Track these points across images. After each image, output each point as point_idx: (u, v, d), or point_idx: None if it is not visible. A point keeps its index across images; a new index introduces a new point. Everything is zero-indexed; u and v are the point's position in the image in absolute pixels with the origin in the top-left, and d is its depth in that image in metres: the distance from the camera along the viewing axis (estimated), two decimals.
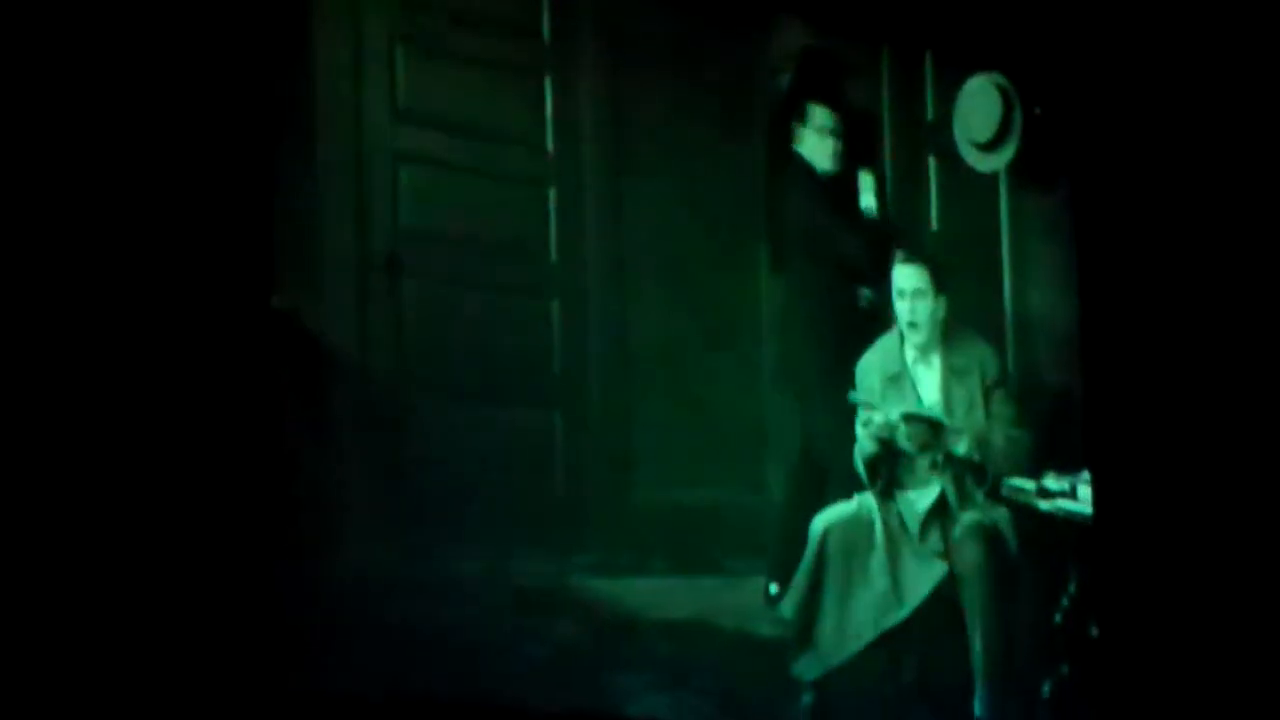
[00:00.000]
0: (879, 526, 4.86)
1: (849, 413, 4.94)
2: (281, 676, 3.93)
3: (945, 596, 4.90)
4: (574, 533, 4.51)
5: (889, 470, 4.93)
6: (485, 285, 4.52)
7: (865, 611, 4.83)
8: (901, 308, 5.00)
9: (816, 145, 5.09)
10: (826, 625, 4.81)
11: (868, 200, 5.15)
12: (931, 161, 5.37)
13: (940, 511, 4.92)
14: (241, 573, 3.92)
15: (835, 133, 5.11)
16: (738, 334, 4.93)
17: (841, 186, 5.12)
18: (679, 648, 4.56)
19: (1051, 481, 5.17)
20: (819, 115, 5.10)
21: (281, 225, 4.15)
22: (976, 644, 4.92)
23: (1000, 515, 5.01)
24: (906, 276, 5.02)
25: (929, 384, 5.01)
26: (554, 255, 4.67)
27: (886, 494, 4.92)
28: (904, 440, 4.92)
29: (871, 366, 5.00)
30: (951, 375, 5.02)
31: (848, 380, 4.96)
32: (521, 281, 4.61)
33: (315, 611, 4.03)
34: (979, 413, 5.02)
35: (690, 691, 4.56)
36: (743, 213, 4.99)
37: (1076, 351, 5.37)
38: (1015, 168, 5.39)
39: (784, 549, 4.85)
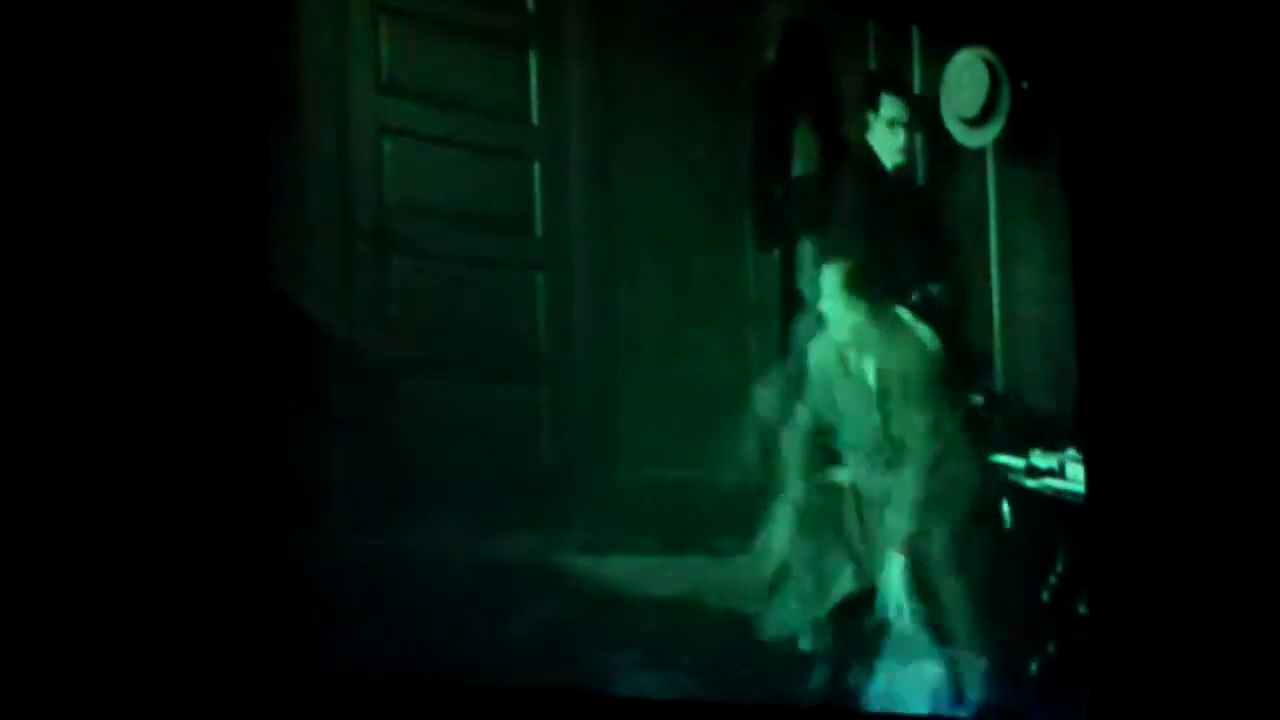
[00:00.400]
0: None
1: None
2: (262, 655, 3.89)
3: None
4: (560, 510, 4.48)
5: None
6: (471, 259, 4.47)
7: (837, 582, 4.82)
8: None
9: (886, 138, 5.07)
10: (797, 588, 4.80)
11: None
12: (918, 136, 5.33)
13: None
14: (221, 550, 3.88)
15: (907, 125, 5.12)
16: (726, 309, 4.89)
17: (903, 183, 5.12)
18: (666, 626, 4.53)
19: (1039, 459, 5.17)
20: (890, 106, 5.09)
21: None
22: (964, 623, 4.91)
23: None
24: None
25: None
26: (540, 229, 4.63)
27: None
28: None
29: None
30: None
31: None
32: (507, 256, 4.57)
33: (296, 589, 3.98)
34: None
35: (678, 670, 4.54)
36: (733, 187, 4.94)
37: (1065, 326, 5.36)
38: (1003, 143, 5.37)
39: None
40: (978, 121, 5.35)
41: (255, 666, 3.88)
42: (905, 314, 5.06)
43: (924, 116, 5.29)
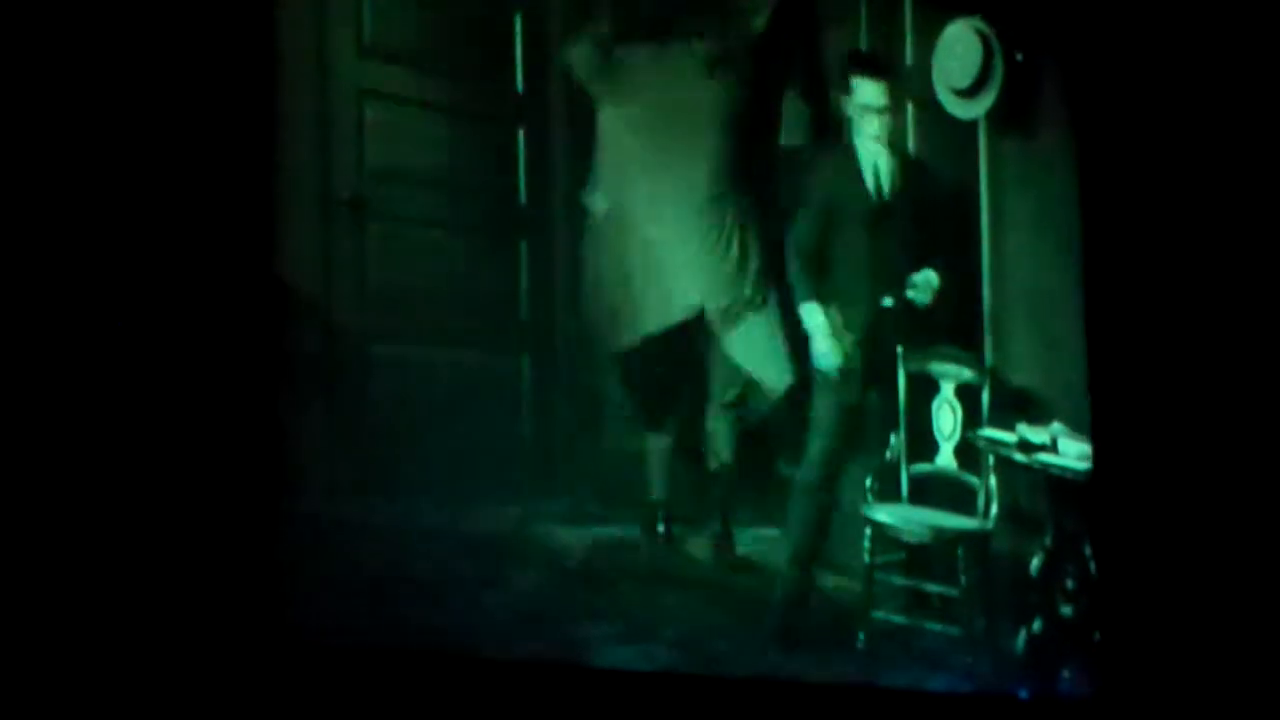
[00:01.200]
0: None
1: None
2: (237, 624, 3.85)
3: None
4: (541, 479, 4.44)
5: None
6: (452, 226, 4.43)
7: None
8: None
9: (861, 124, 4.98)
10: None
11: None
12: (910, 108, 5.28)
13: None
14: (200, 517, 3.85)
15: (883, 111, 5.01)
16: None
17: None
18: (645, 598, 4.49)
19: (1031, 434, 5.12)
20: (866, 90, 5.00)
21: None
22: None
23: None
24: None
25: None
26: (523, 197, 4.58)
27: None
28: None
29: None
30: None
31: None
32: (489, 223, 4.52)
33: (276, 556, 3.95)
34: None
35: (658, 643, 4.50)
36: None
37: (1053, 297, 5.32)
38: (995, 115, 5.32)
39: None
40: (970, 93, 5.29)
41: (230, 635, 3.85)
42: None
43: (909, 93, 5.24)
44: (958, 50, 5.29)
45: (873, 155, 5.00)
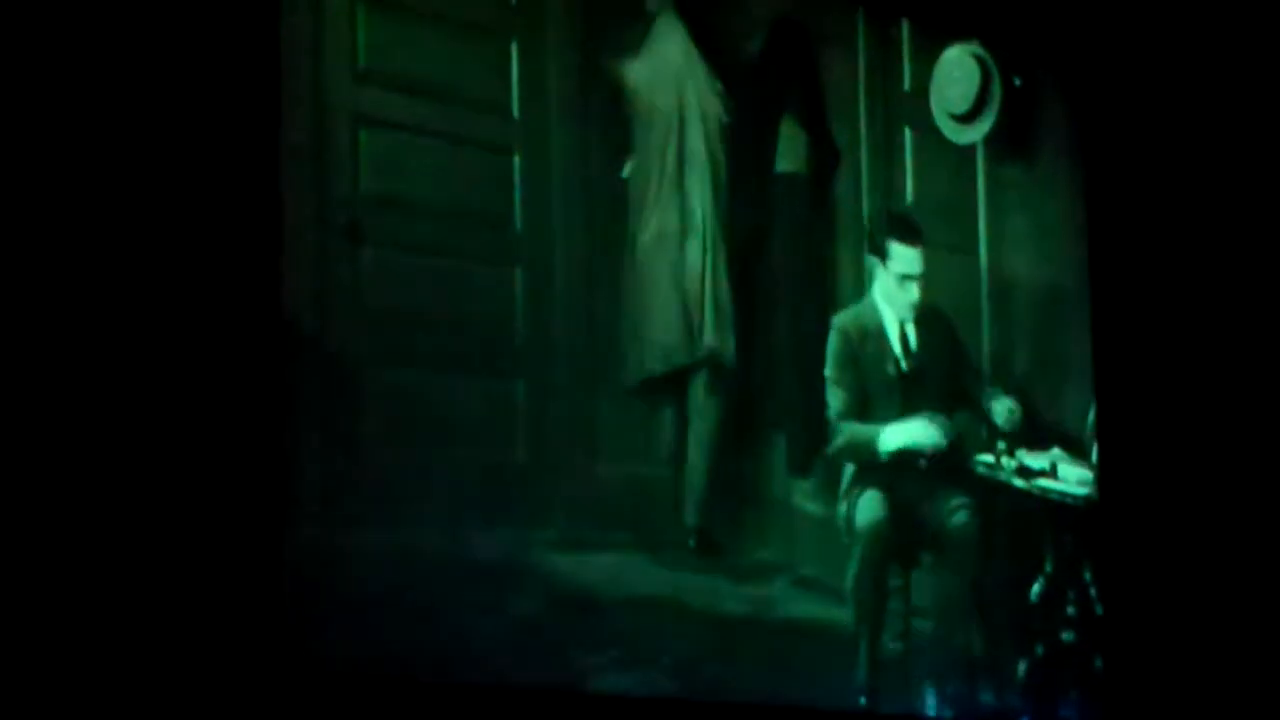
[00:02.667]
0: None
1: None
2: (234, 653, 3.83)
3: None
4: (536, 506, 4.41)
5: None
6: (448, 252, 4.41)
7: None
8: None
9: (895, 293, 4.96)
10: None
11: None
12: (908, 133, 5.29)
13: None
14: (195, 546, 3.83)
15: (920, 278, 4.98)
16: None
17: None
18: (644, 624, 4.47)
19: (1030, 459, 5.11)
20: (902, 259, 4.98)
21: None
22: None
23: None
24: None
25: None
26: (519, 223, 4.57)
27: None
28: None
29: None
30: None
31: None
32: (485, 249, 4.51)
33: (270, 585, 3.93)
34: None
35: (656, 669, 4.48)
36: None
37: (1053, 323, 5.33)
38: (993, 140, 5.33)
39: None
40: (967, 118, 5.30)
41: (227, 664, 3.83)
42: None
43: (912, 112, 5.24)
44: (955, 75, 5.31)
45: (900, 318, 4.95)
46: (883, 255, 4.97)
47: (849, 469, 4.90)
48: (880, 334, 4.94)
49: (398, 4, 4.41)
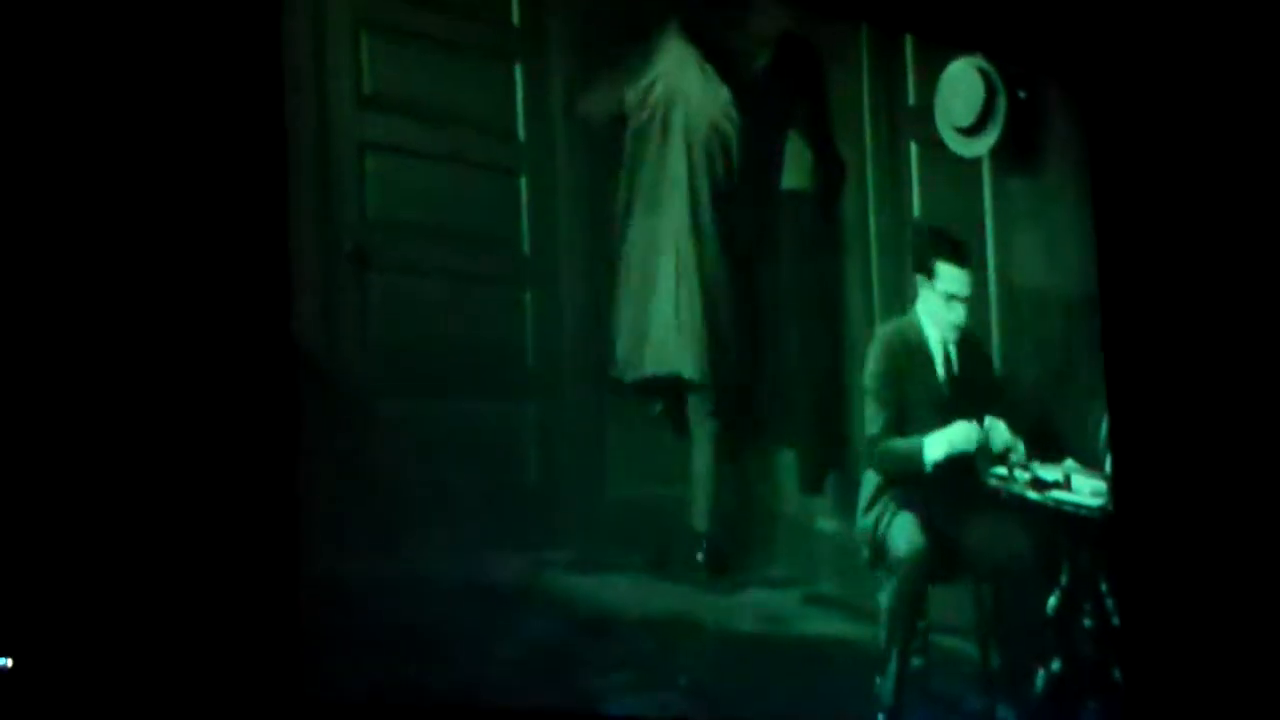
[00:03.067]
0: None
1: None
2: (249, 680, 3.82)
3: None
4: (548, 528, 4.40)
5: None
6: (455, 276, 4.41)
7: None
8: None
9: (940, 311, 4.98)
10: None
11: None
12: (913, 147, 5.28)
13: None
14: (207, 574, 3.82)
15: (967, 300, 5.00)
16: None
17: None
18: (657, 646, 4.46)
19: (1044, 472, 5.10)
20: (949, 278, 5.00)
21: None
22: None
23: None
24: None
25: None
26: (526, 245, 4.56)
27: None
28: None
29: None
30: None
31: None
32: (493, 272, 4.51)
33: (282, 614, 3.92)
34: None
35: (672, 691, 4.46)
36: None
37: (1063, 335, 5.32)
38: (999, 152, 5.32)
39: None
40: (973, 131, 5.30)
41: (241, 696, 3.82)
42: None
43: (918, 126, 5.24)
44: (960, 89, 5.31)
45: (945, 338, 4.94)
46: (929, 273, 4.98)
47: (868, 485, 4.88)
48: (925, 352, 4.95)
49: (400, 29, 4.41)
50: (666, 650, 4.49)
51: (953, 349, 4.98)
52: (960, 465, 4.92)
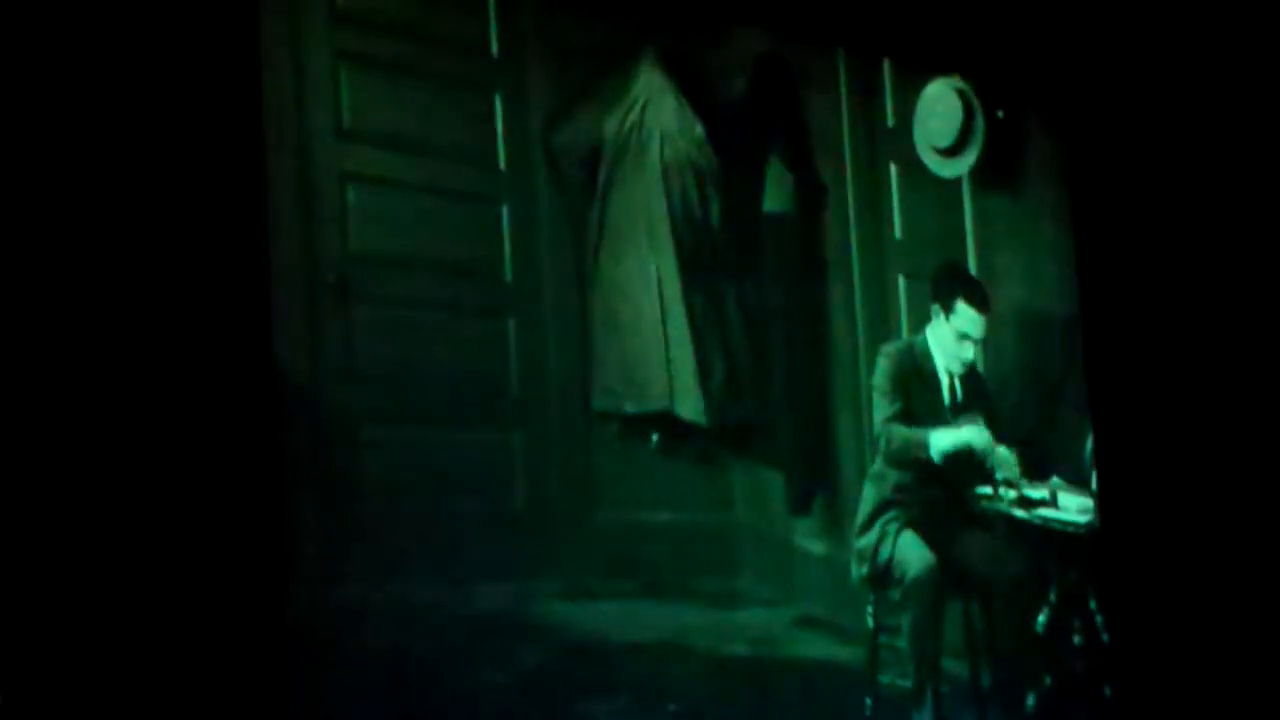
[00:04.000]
0: None
1: None
2: (238, 710, 3.81)
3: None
4: (536, 556, 4.40)
5: None
6: (439, 306, 4.42)
7: None
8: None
9: (950, 345, 5.03)
10: None
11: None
12: (893, 168, 5.29)
13: None
14: (192, 603, 3.81)
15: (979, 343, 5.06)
16: None
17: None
18: (650, 671, 4.45)
19: (1029, 489, 5.10)
20: (966, 320, 5.05)
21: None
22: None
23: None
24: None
25: None
26: (509, 273, 4.57)
27: None
28: None
29: None
30: None
31: None
32: (476, 301, 4.51)
33: (270, 643, 3.91)
34: None
35: (664, 717, 4.46)
36: None
37: (1046, 351, 5.32)
38: (978, 172, 5.33)
39: None
40: (952, 151, 5.31)
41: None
42: None
43: (897, 148, 5.26)
44: (938, 109, 5.32)
45: (950, 369, 5.02)
46: (948, 309, 5.01)
47: (866, 504, 4.89)
48: (932, 375, 5.01)
49: (379, 62, 4.42)
50: (656, 675, 4.48)
51: (958, 382, 5.03)
52: (967, 463, 4.93)
